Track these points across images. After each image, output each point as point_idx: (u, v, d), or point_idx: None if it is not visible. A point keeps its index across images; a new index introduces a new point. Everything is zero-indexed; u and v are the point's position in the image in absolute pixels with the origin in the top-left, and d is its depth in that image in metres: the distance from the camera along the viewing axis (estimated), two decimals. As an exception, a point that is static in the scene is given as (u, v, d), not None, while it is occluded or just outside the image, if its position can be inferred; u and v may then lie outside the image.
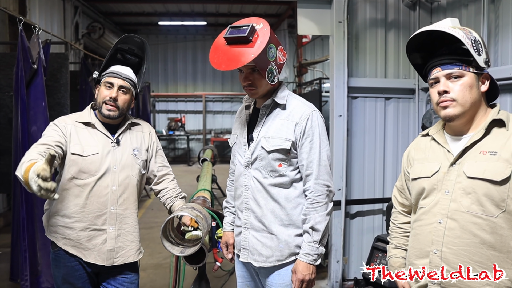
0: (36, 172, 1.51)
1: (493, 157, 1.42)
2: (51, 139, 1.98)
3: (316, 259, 1.84)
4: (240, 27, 1.77)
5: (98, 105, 2.11)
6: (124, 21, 12.39)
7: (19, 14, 6.49)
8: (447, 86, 1.49)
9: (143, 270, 4.37)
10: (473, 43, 1.45)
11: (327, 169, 1.87)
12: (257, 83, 1.85)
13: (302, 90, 9.06)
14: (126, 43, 2.22)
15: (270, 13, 11.23)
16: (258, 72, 1.82)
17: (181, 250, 1.95)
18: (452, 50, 1.52)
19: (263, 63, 1.78)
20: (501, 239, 1.40)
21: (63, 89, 3.96)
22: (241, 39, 1.74)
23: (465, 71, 1.49)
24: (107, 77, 2.12)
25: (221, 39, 1.82)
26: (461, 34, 1.45)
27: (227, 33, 1.78)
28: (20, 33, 3.16)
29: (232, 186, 2.11)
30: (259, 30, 1.77)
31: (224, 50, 1.79)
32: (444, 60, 1.51)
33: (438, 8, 3.78)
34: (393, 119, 4.01)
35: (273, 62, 1.82)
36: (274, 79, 1.85)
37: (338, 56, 3.75)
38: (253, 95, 1.92)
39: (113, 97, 2.09)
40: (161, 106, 14.16)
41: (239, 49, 1.75)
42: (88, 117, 2.14)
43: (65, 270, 2.10)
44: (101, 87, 2.13)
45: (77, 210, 2.04)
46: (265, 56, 1.76)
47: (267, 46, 1.75)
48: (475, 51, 1.46)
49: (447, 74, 1.50)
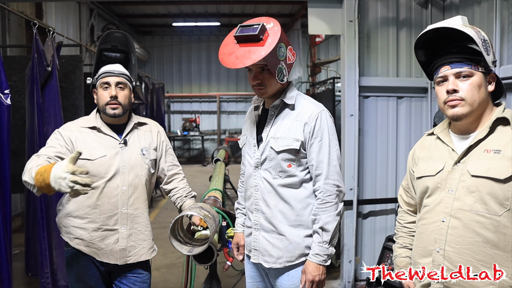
0: (70, 170, 1.60)
1: (497, 156, 1.41)
2: (52, 150, 2.03)
3: (326, 259, 1.82)
4: (251, 26, 1.76)
5: (102, 108, 2.13)
6: (139, 23, 12.51)
7: (35, 17, 6.63)
8: (456, 85, 1.48)
9: (156, 269, 4.43)
10: (482, 43, 1.44)
11: (337, 169, 1.85)
12: (266, 82, 1.85)
13: (315, 90, 9.04)
14: (108, 41, 2.23)
15: (284, 13, 11.22)
16: (267, 71, 1.82)
17: (190, 249, 1.97)
18: (461, 48, 1.50)
19: (273, 62, 1.77)
20: (505, 238, 1.39)
21: (77, 91, 4.01)
22: (252, 37, 1.74)
23: (475, 70, 1.47)
24: (101, 78, 2.14)
25: (231, 38, 1.81)
26: (473, 33, 1.44)
27: (238, 32, 1.77)
28: (34, 36, 3.22)
29: (243, 187, 2.11)
30: (269, 29, 1.77)
31: (234, 48, 1.79)
32: (454, 59, 1.50)
33: (450, 5, 3.73)
34: (405, 118, 3.98)
35: (283, 62, 1.81)
36: (283, 78, 1.83)
37: (349, 56, 3.74)
38: (261, 95, 1.91)
39: (114, 95, 2.11)
40: (176, 107, 14.26)
41: (250, 47, 1.74)
42: (94, 121, 2.16)
43: (78, 269, 2.14)
44: (98, 90, 2.15)
45: (89, 211, 2.09)
46: (275, 55, 1.76)
47: (278, 45, 1.74)
48: (485, 51, 1.45)
49: (456, 73, 1.49)
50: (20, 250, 4.68)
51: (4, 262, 2.59)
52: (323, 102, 5.93)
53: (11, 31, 6.05)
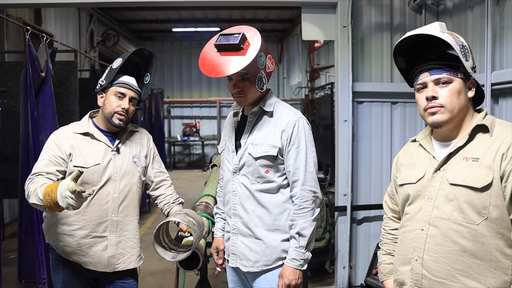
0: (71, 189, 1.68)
1: (475, 164, 1.40)
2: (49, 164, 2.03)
3: (302, 264, 1.86)
4: (231, 34, 1.78)
5: (108, 115, 2.11)
6: (139, 28, 12.58)
7: (34, 23, 6.67)
8: (436, 92, 1.47)
9: (151, 275, 4.42)
10: (461, 49, 1.43)
11: (313, 175, 1.89)
12: (246, 90, 1.87)
13: (314, 95, 9.04)
14: (136, 54, 2.24)
15: (283, 18, 11.27)
16: (248, 79, 1.84)
17: (174, 256, 1.96)
18: (440, 55, 1.50)
19: (254, 71, 1.79)
20: (483, 247, 1.37)
21: (72, 96, 4.03)
22: (232, 46, 1.76)
23: (454, 76, 1.47)
24: (119, 87, 2.13)
25: (211, 46, 1.84)
26: (450, 39, 1.43)
27: (218, 40, 1.80)
28: (27, 42, 3.24)
29: (222, 192, 2.13)
30: (249, 38, 1.79)
31: (214, 57, 1.81)
32: (432, 65, 1.49)
33: (444, 10, 3.73)
34: (400, 123, 3.97)
35: (263, 70, 1.84)
36: (263, 86, 1.87)
37: (343, 61, 3.74)
38: (241, 103, 1.94)
39: (126, 108, 2.12)
40: (176, 112, 14.30)
41: (230, 56, 1.77)
42: (86, 127, 2.15)
43: (65, 276, 2.13)
44: (109, 95, 2.13)
45: (78, 218, 2.08)
46: (255, 64, 1.78)
47: (258, 54, 1.77)
48: (463, 57, 1.44)
49: (435, 79, 1.48)
50: (16, 255, 4.69)
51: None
52: (322, 108, 5.88)
53: (9, 37, 6.09)
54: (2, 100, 3.82)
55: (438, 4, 3.74)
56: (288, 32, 11.43)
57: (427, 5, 3.80)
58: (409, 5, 3.86)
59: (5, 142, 3.89)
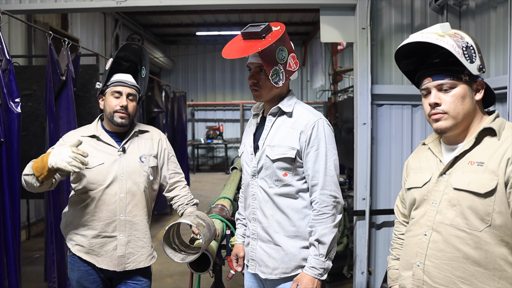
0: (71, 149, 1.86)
1: (480, 168, 1.34)
2: None
3: (322, 273, 1.77)
4: (258, 25, 1.80)
5: (109, 115, 2.16)
6: (164, 32, 12.75)
7: (61, 28, 6.85)
8: (439, 98, 1.43)
9: (169, 276, 4.46)
10: (464, 51, 1.37)
11: (334, 179, 1.80)
12: (261, 83, 1.84)
13: (337, 98, 8.98)
14: (124, 51, 2.28)
15: (306, 21, 11.22)
16: (264, 72, 1.82)
17: (183, 257, 1.96)
18: (443, 58, 1.44)
19: (269, 61, 1.76)
20: (486, 255, 1.32)
21: (93, 99, 4.11)
22: (255, 34, 1.76)
23: (457, 81, 1.41)
24: (114, 86, 2.17)
25: (239, 36, 1.86)
26: (450, 43, 1.36)
27: (245, 29, 1.82)
28: (49, 47, 3.32)
29: (243, 197, 2.08)
30: (275, 31, 1.78)
31: (237, 42, 1.84)
32: (435, 70, 1.44)
33: (466, 11, 3.64)
34: (420, 126, 3.87)
35: (282, 65, 1.80)
36: (278, 81, 1.80)
37: (362, 63, 3.69)
38: (256, 97, 1.90)
39: (125, 105, 2.14)
40: (200, 115, 14.42)
41: (251, 43, 1.77)
42: (94, 130, 2.20)
43: (80, 274, 2.18)
44: (107, 97, 2.18)
45: (88, 218, 2.13)
46: (273, 55, 1.76)
47: (278, 46, 1.75)
48: (467, 59, 1.37)
49: (438, 85, 1.43)
50: (41, 254, 4.81)
51: (12, 266, 2.65)
52: (344, 110, 5.79)
53: (36, 42, 6.27)
54: (27, 103, 3.93)
55: (461, 5, 3.65)
56: (312, 35, 11.37)
57: (449, 5, 3.70)
58: (430, 5, 3.77)
59: (29, 144, 4.00)
